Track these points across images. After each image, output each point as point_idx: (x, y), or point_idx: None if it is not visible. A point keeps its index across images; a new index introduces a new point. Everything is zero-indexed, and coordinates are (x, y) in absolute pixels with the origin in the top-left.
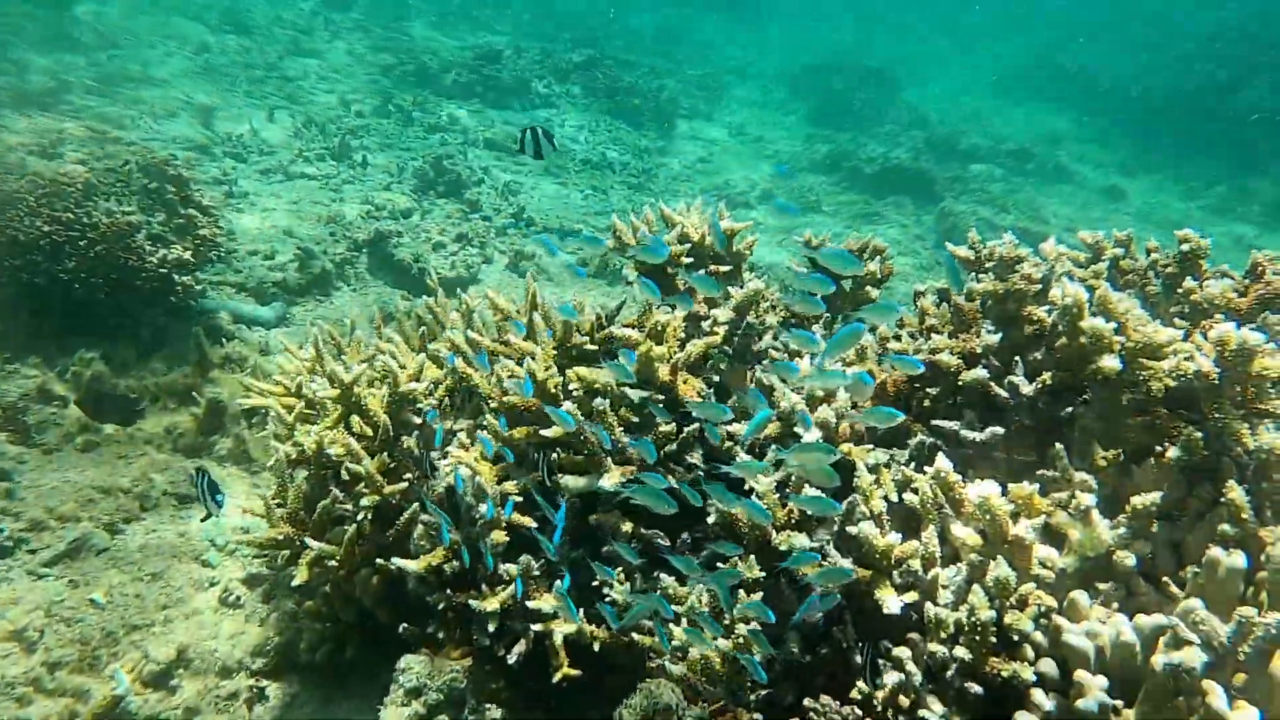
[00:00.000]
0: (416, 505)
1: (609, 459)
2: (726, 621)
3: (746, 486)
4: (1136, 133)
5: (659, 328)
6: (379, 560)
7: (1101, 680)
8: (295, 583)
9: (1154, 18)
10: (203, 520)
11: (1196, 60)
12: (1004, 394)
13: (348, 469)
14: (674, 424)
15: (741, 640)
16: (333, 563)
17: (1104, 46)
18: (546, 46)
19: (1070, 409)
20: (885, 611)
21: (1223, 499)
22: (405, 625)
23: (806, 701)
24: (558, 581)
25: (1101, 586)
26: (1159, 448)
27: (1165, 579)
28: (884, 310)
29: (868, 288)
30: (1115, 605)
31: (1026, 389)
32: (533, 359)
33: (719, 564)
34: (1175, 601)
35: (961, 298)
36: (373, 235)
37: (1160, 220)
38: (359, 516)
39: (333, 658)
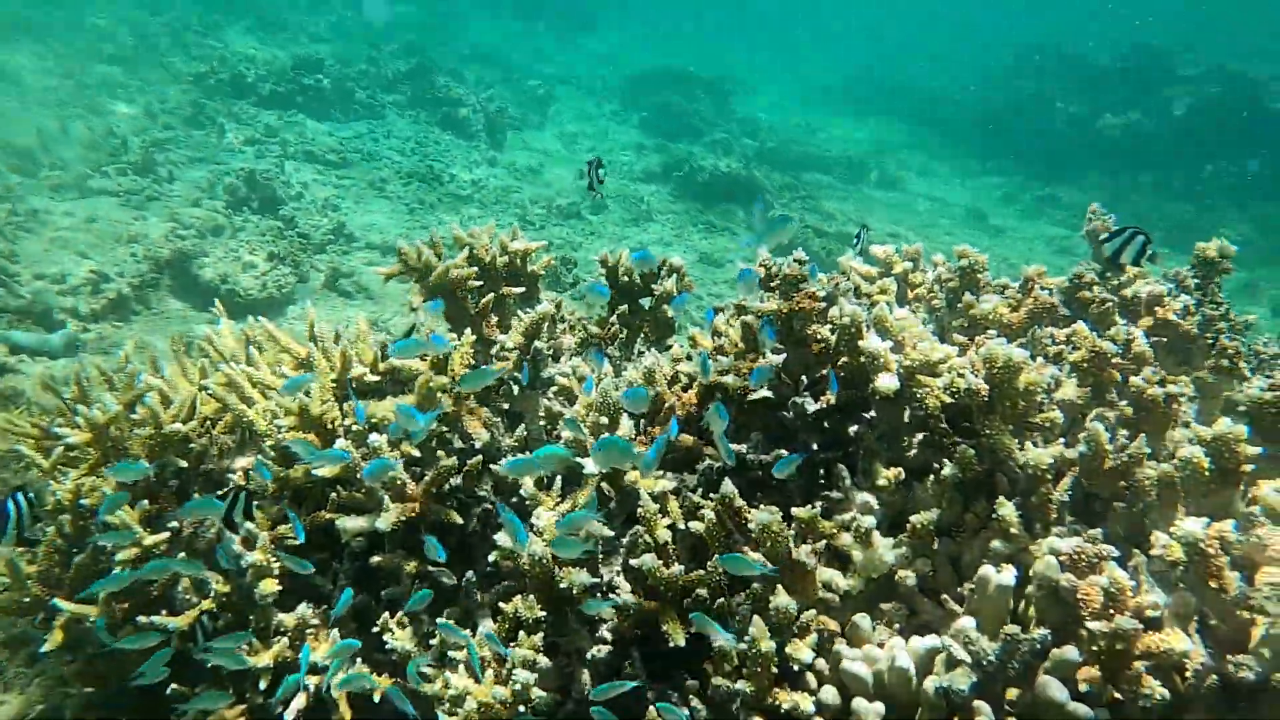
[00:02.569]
0: (182, 555)
1: (387, 497)
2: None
3: (532, 519)
4: (959, 143)
5: (442, 358)
6: (141, 618)
7: (879, 707)
8: (45, 649)
9: (969, 33)
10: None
11: (1011, 76)
12: (789, 415)
13: (103, 519)
14: (454, 458)
15: (519, 687)
16: (91, 623)
17: (926, 63)
18: (372, 55)
19: (855, 428)
20: (671, 645)
21: (993, 514)
22: (174, 686)
23: None
24: (334, 632)
25: (885, 607)
26: (937, 465)
27: (945, 596)
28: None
29: (664, 306)
30: (897, 625)
31: (812, 408)
32: (306, 393)
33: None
34: (956, 618)
35: (749, 317)
36: (176, 255)
37: (982, 226)
38: (116, 570)
39: None
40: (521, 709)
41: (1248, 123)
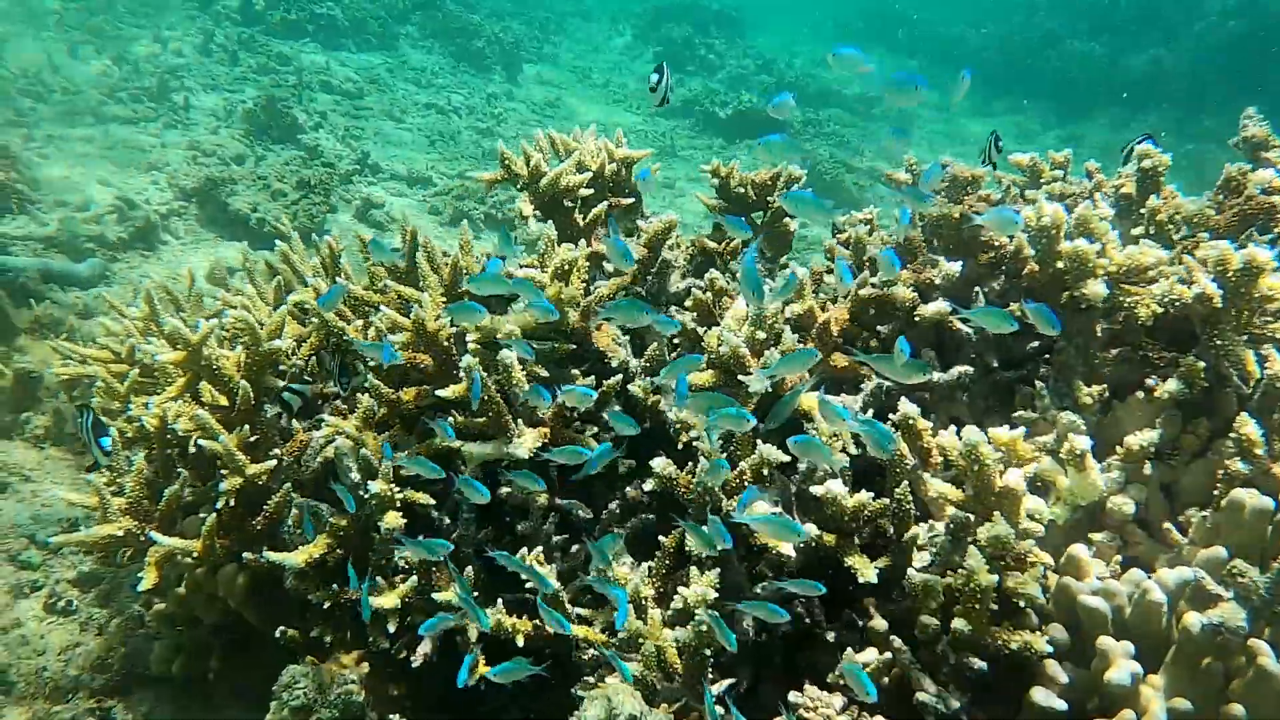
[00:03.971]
0: (288, 486)
1: (519, 420)
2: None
3: (680, 445)
4: (975, 79)
5: (564, 267)
6: (246, 554)
7: (1128, 646)
8: (142, 587)
9: None
10: (88, 470)
11: (1029, 13)
12: (967, 330)
13: (200, 446)
14: (593, 376)
15: (704, 628)
16: (188, 559)
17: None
18: None
19: (1036, 344)
20: (861, 581)
21: (1232, 434)
22: (283, 629)
23: (793, 697)
24: (454, 581)
25: (1095, 537)
26: (1150, 381)
27: (1166, 525)
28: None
29: (785, 219)
30: (1116, 558)
31: None
32: (420, 306)
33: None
34: (1173, 549)
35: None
36: (202, 183)
37: (1003, 163)
38: (218, 503)
39: (192, 670)
40: (707, 652)
41: (1274, 62)
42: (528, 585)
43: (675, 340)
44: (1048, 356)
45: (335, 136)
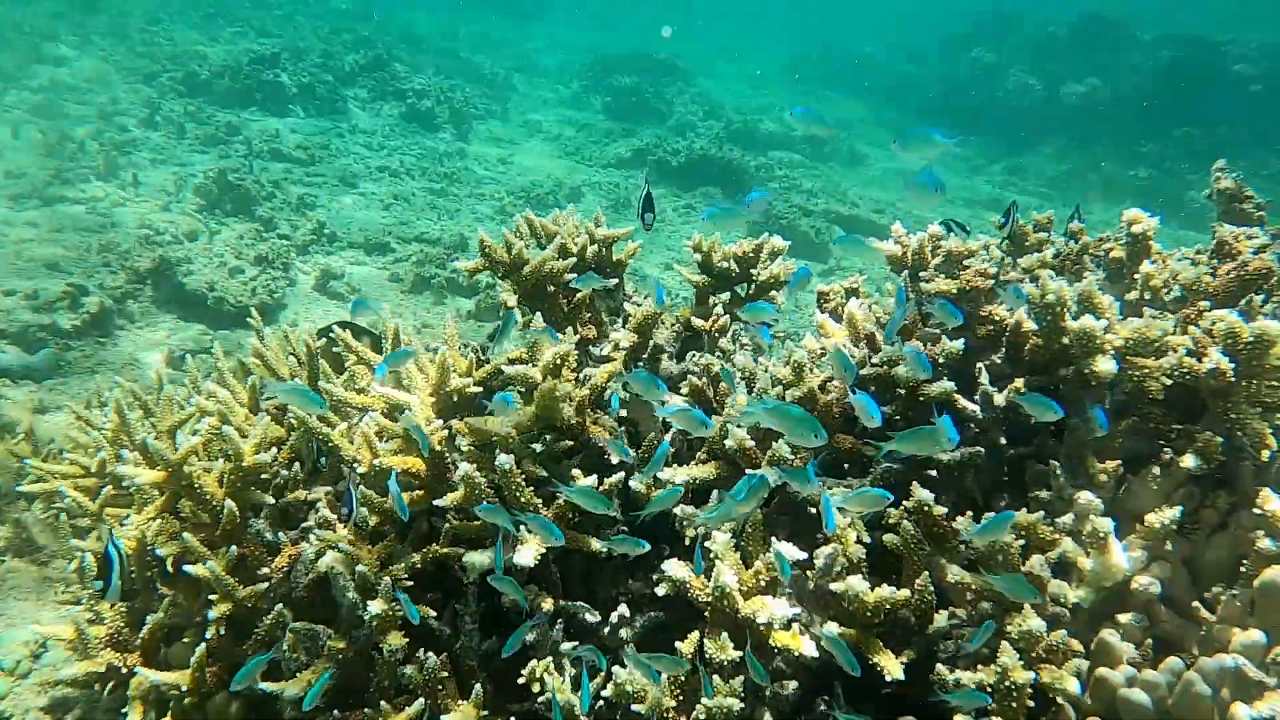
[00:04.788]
0: (280, 608)
1: (523, 527)
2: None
3: (687, 541)
4: (918, 117)
5: (556, 361)
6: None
7: None
8: None
9: (922, 7)
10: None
11: (967, 48)
12: (973, 407)
13: (185, 572)
14: (591, 477)
15: None
16: (176, 692)
17: (881, 39)
18: (326, 48)
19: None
20: (889, 679)
21: (1255, 509)
22: None
23: None
24: (475, 688)
25: (1122, 619)
26: (1165, 455)
27: (1194, 604)
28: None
29: (772, 292)
30: (1148, 642)
31: (999, 399)
32: (409, 410)
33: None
34: (1201, 627)
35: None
36: (157, 263)
37: (955, 198)
38: (207, 633)
39: None
40: None
41: (1208, 87)
42: (540, 698)
43: (673, 428)
44: (1054, 429)
45: (290, 206)
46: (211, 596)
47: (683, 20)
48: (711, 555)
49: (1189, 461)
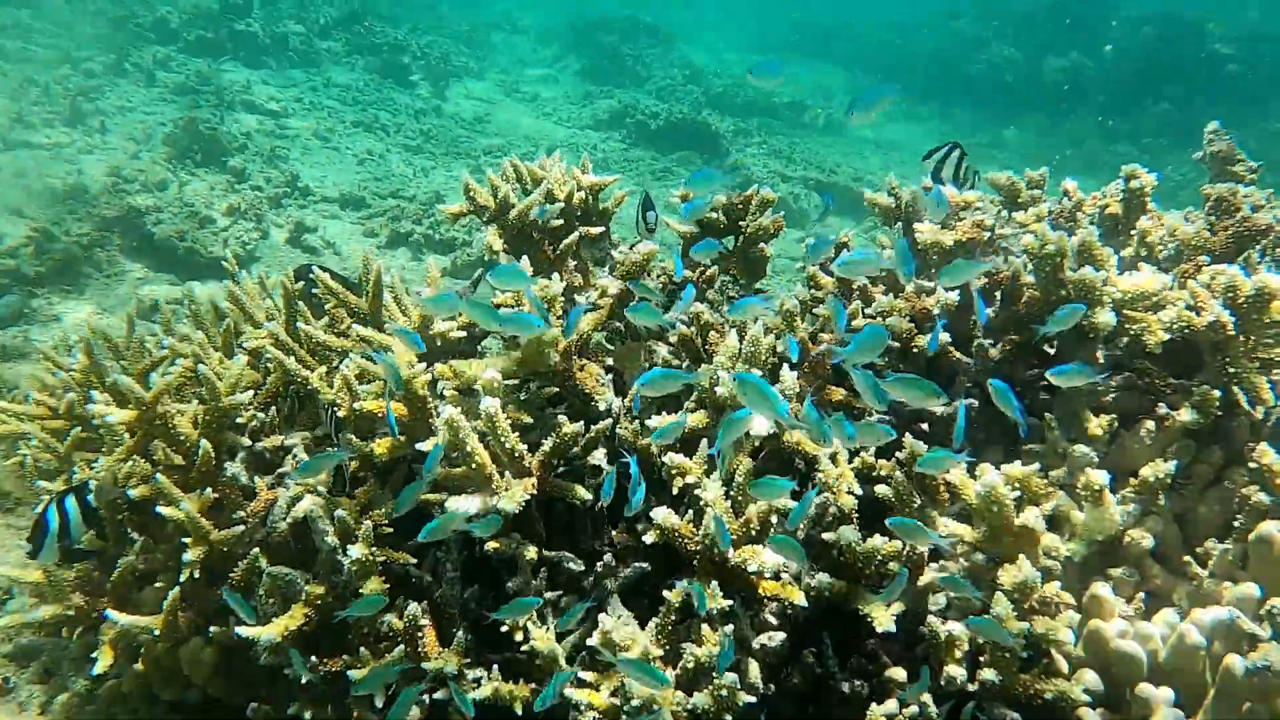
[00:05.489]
0: (255, 553)
1: (505, 471)
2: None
3: (675, 490)
4: (901, 87)
5: (543, 305)
6: (213, 628)
7: (1168, 693)
8: (98, 669)
9: None
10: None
11: (950, 19)
12: (967, 360)
13: (158, 513)
14: (578, 423)
15: (724, 693)
16: (148, 636)
17: (865, 8)
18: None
19: (1034, 371)
20: (879, 630)
21: (1251, 463)
22: (255, 705)
23: None
24: (458, 633)
25: (1113, 572)
26: (1161, 410)
27: (1185, 558)
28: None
29: (759, 244)
30: (1140, 596)
31: (994, 352)
32: (392, 352)
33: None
34: (1192, 581)
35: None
36: (125, 211)
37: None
38: (181, 576)
39: None
40: (728, 718)
41: (1188, 65)
42: (522, 646)
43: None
44: (1046, 383)
45: (262, 158)
46: (185, 540)
47: None
48: (701, 504)
49: (1186, 415)
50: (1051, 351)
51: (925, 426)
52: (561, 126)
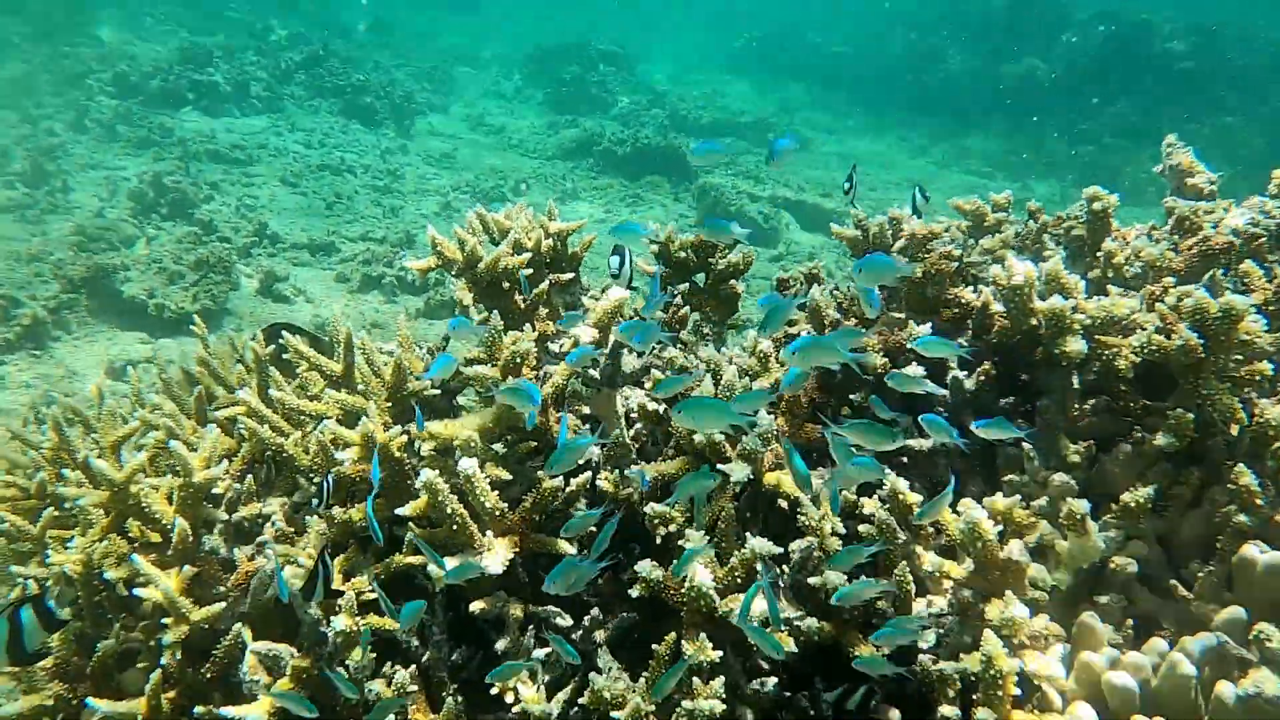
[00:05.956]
0: (239, 628)
1: (487, 530)
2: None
3: (658, 540)
4: (860, 101)
5: (515, 359)
6: (199, 708)
7: None
8: None
9: None
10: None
11: (906, 31)
12: (943, 392)
13: (136, 595)
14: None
15: None
16: None
17: (821, 24)
18: (259, 45)
19: (1008, 400)
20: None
21: (1229, 485)
22: None
23: None
24: (448, 700)
25: (1100, 599)
26: (1137, 433)
27: (1172, 582)
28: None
29: (730, 280)
30: (1128, 621)
31: (969, 384)
32: (367, 416)
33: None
34: (1178, 604)
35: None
36: (92, 270)
37: (900, 179)
38: (162, 658)
39: None
40: None
41: (1142, 64)
42: (513, 708)
43: (636, 423)
44: (1025, 411)
45: (229, 208)
46: (165, 620)
47: (613, 10)
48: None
49: (1161, 439)
50: (1024, 379)
51: (905, 460)
52: (529, 158)
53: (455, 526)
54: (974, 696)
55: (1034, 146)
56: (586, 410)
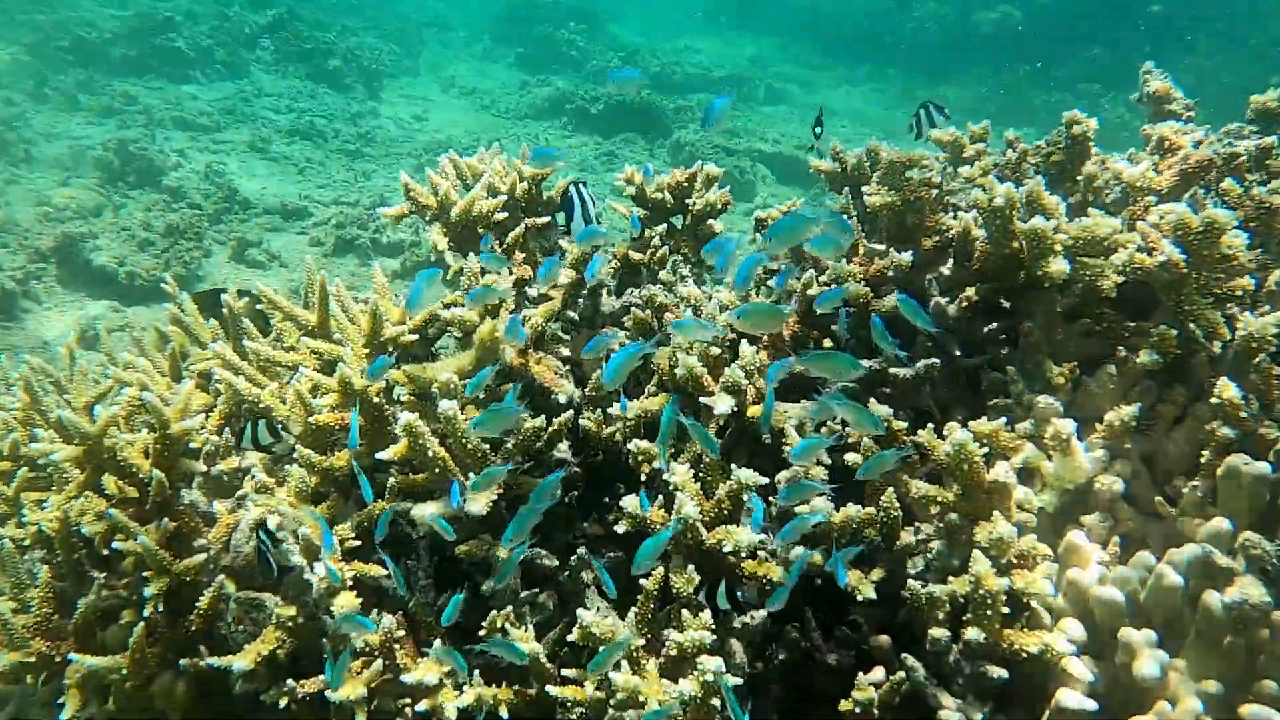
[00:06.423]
0: (221, 579)
1: (470, 472)
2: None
3: (643, 477)
4: (835, 53)
5: (494, 301)
6: (184, 660)
7: (1150, 635)
8: (66, 715)
9: None
10: None
11: None
12: (932, 330)
13: (115, 549)
14: (540, 418)
15: (709, 678)
16: (116, 676)
17: None
18: (223, 10)
19: (991, 327)
20: (860, 599)
21: (1213, 399)
22: None
23: None
24: (437, 642)
25: (1086, 519)
26: (1121, 353)
27: (1158, 499)
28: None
29: (709, 220)
30: (1114, 540)
31: (952, 310)
32: (344, 363)
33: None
34: (1164, 521)
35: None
36: (60, 240)
37: (876, 131)
38: (144, 610)
39: None
40: (716, 702)
41: (1113, 9)
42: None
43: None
44: (1005, 337)
45: (198, 175)
46: (145, 574)
47: None
48: (671, 487)
49: (1145, 357)
50: (1007, 305)
51: (888, 390)
52: (502, 119)
53: (438, 470)
54: (964, 617)
55: (1011, 93)
56: (566, 352)
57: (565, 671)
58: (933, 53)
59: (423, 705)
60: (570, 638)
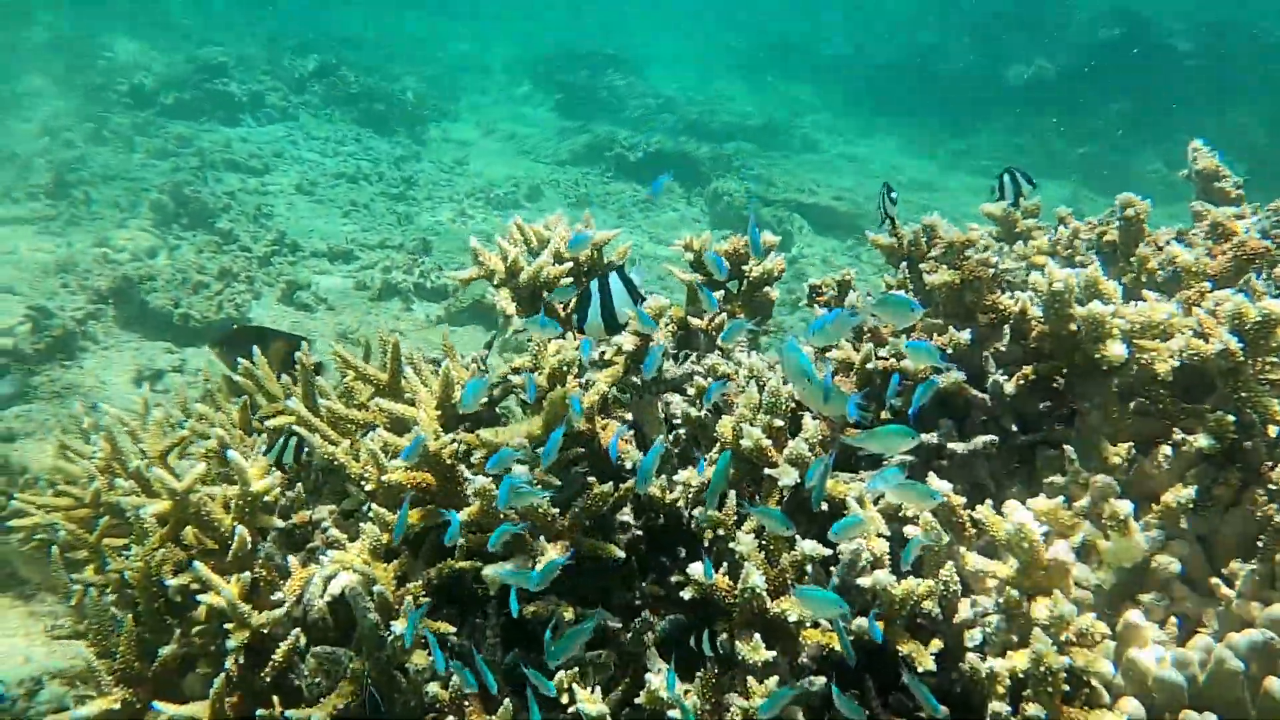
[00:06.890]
0: (297, 632)
1: (539, 535)
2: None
3: (706, 543)
4: (866, 102)
5: (560, 368)
6: (260, 711)
7: (1211, 718)
8: None
9: None
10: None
11: (911, 30)
12: (982, 396)
13: (197, 600)
14: (611, 483)
15: None
16: None
17: (826, 23)
18: (272, 56)
19: (1046, 404)
20: (919, 670)
21: (1270, 485)
22: None
23: None
24: (507, 700)
25: (1143, 598)
26: (1176, 435)
27: (1214, 581)
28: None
29: (765, 288)
30: (1171, 620)
31: (1009, 388)
32: (418, 425)
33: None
34: (1220, 602)
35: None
36: (118, 281)
37: (908, 182)
38: (225, 663)
39: None
40: None
41: (1148, 61)
42: (569, 708)
43: (679, 429)
44: (1063, 415)
45: (248, 217)
46: (227, 625)
47: (612, 13)
48: (737, 556)
49: (1202, 441)
50: (1059, 383)
51: (944, 462)
52: (541, 163)
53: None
54: (1023, 693)
55: (1040, 143)
56: (629, 416)
57: None
58: (963, 103)
59: None
60: (637, 700)
